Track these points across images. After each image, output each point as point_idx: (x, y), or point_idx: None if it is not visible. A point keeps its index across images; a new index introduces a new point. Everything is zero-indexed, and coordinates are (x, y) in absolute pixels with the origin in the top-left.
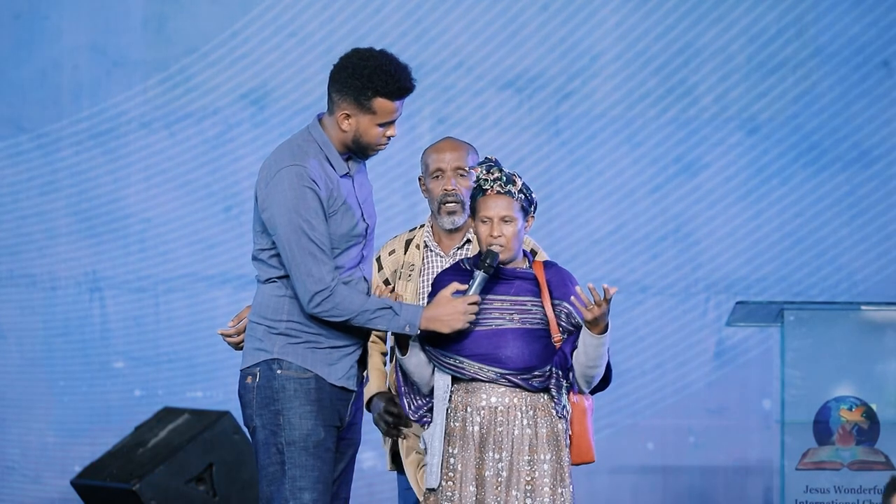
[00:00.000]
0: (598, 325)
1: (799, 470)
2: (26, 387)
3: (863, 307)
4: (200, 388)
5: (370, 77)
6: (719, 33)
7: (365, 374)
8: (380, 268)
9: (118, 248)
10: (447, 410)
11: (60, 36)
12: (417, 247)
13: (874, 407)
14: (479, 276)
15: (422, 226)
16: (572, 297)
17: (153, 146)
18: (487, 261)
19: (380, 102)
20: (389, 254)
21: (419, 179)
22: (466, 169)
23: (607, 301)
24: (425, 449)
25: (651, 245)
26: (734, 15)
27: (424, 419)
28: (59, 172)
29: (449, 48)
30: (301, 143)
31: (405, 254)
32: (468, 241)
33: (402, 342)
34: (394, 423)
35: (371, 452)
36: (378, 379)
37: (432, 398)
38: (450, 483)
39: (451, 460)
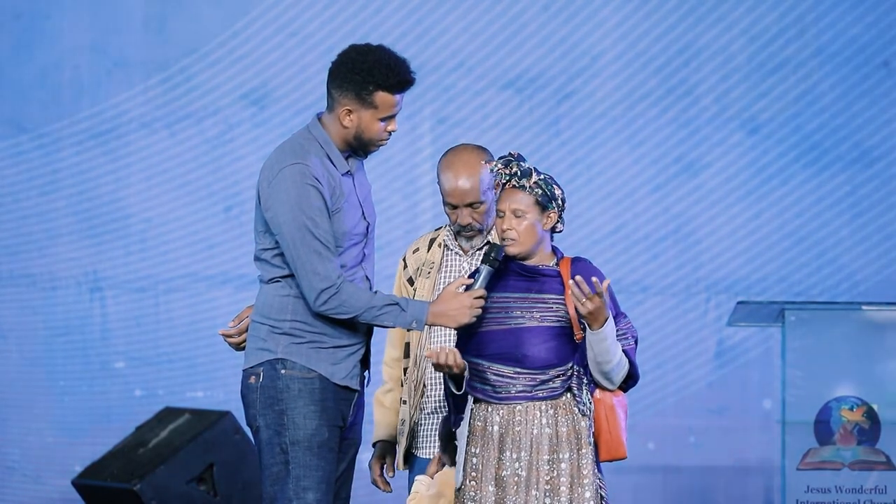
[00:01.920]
0: (597, 319)
1: (800, 470)
2: (26, 387)
3: (863, 307)
4: (201, 389)
5: (370, 71)
6: (720, 33)
7: (366, 374)
8: (405, 266)
9: (119, 248)
10: (471, 410)
11: (61, 36)
12: (440, 245)
13: (875, 407)
14: (485, 269)
15: (447, 225)
16: (570, 289)
17: (154, 146)
18: (492, 254)
19: (381, 96)
20: (413, 252)
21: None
22: (482, 201)
23: (599, 295)
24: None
25: (651, 245)
26: (735, 15)
27: None
28: (60, 172)
29: (449, 48)
30: (302, 141)
31: (428, 252)
32: (488, 242)
33: (457, 380)
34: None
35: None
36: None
37: None
38: (472, 483)
39: (474, 460)
